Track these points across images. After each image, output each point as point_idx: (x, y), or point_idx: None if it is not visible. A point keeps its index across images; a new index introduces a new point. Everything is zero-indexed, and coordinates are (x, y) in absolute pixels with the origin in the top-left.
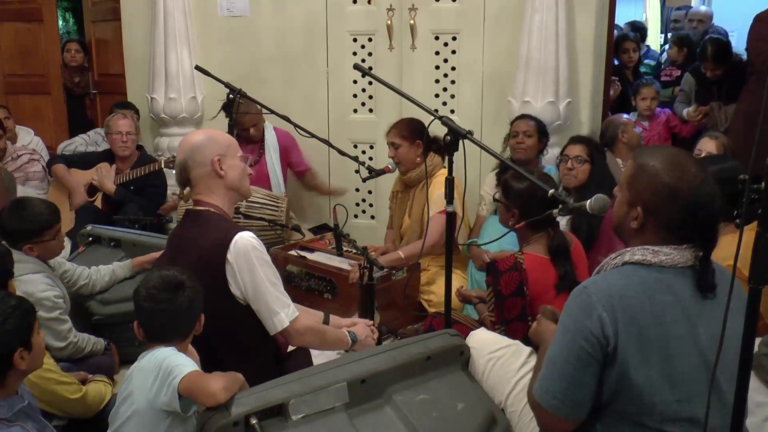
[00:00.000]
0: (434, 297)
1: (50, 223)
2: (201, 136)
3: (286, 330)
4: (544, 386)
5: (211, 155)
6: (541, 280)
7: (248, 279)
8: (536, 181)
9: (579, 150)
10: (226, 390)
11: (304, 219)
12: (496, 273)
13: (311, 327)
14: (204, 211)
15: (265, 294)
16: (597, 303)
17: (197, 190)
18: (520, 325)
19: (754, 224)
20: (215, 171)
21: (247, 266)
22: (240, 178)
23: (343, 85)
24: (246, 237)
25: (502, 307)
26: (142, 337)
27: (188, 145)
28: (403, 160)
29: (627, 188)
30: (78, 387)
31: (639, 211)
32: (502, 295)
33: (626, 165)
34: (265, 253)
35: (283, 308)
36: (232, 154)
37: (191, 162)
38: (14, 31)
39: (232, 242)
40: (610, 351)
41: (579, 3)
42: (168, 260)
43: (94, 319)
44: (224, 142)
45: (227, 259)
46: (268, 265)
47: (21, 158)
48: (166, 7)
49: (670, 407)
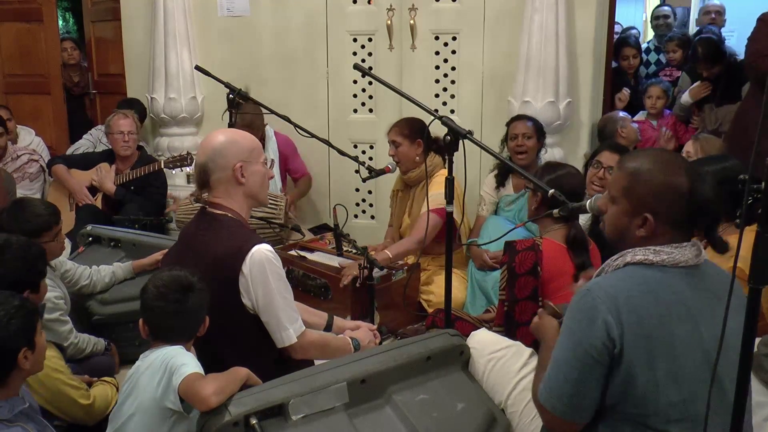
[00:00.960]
0: (433, 297)
1: (49, 225)
2: (224, 138)
3: (292, 346)
4: (549, 389)
5: (234, 161)
6: (556, 264)
7: (261, 292)
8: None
9: (610, 159)
10: (217, 394)
11: (304, 219)
12: (513, 251)
13: (315, 342)
14: (221, 215)
15: (276, 309)
16: (601, 305)
17: (215, 194)
18: (530, 304)
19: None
20: (236, 178)
21: (261, 280)
22: (260, 185)
23: (343, 85)
24: (263, 250)
25: (514, 284)
26: (146, 335)
27: (210, 148)
28: (404, 159)
29: (624, 198)
30: (88, 393)
31: (648, 218)
32: (515, 272)
33: (613, 175)
34: (280, 267)
35: (291, 324)
36: (256, 158)
37: (212, 165)
38: (14, 31)
39: (249, 254)
40: (616, 353)
41: (579, 3)
42: (177, 257)
43: (94, 319)
44: (248, 146)
45: (242, 270)
46: (281, 280)
47: (20, 159)
48: (166, 7)
49: (675, 407)
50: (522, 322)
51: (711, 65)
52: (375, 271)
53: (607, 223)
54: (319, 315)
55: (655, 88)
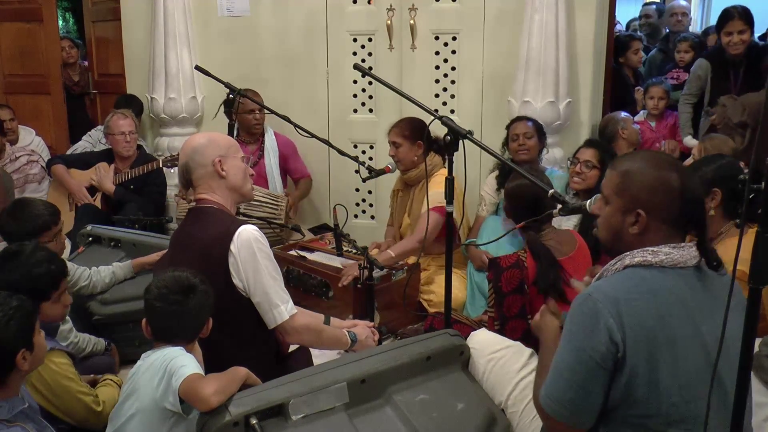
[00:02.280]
0: (434, 297)
1: (49, 225)
2: (201, 138)
3: (283, 325)
4: (551, 395)
5: (212, 156)
6: None
7: (251, 270)
8: (536, 181)
9: (590, 155)
10: (218, 394)
11: (304, 219)
12: (498, 269)
13: (309, 325)
14: (207, 207)
15: (265, 286)
16: (603, 309)
17: (200, 190)
18: (520, 322)
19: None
20: (217, 171)
21: (249, 258)
22: (242, 179)
23: (343, 85)
24: (249, 229)
25: (502, 303)
26: (149, 335)
27: (189, 148)
28: (403, 159)
29: (617, 197)
30: (98, 399)
31: (640, 213)
32: (502, 291)
33: (606, 177)
34: (267, 247)
35: (283, 303)
36: (233, 154)
37: (193, 163)
38: (14, 31)
39: (236, 234)
40: (619, 357)
41: (579, 3)
42: (170, 258)
43: (94, 319)
44: (224, 143)
45: (230, 250)
46: (269, 259)
47: (19, 160)
48: (166, 7)
49: (676, 408)
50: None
51: (746, 26)
52: (375, 271)
53: (600, 226)
54: (315, 316)
55: (657, 89)
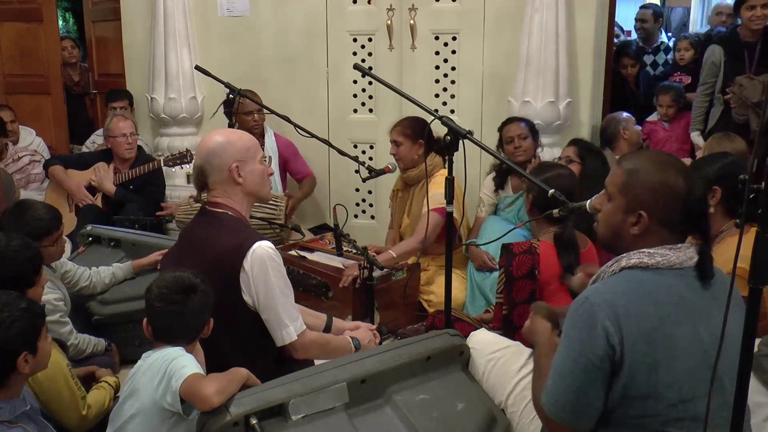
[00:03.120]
0: (434, 297)
1: (49, 230)
2: (219, 139)
3: (292, 344)
4: (552, 398)
5: (229, 161)
6: (553, 267)
7: (262, 289)
8: (536, 181)
9: (569, 151)
10: (219, 394)
11: (304, 219)
12: (510, 254)
13: (315, 341)
14: (222, 213)
15: (276, 306)
16: (600, 312)
17: (215, 194)
18: (528, 308)
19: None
20: (233, 178)
21: (262, 276)
22: (259, 183)
23: (343, 85)
24: (264, 247)
25: (512, 288)
26: (150, 335)
27: (205, 150)
28: (404, 158)
29: (621, 195)
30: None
31: (642, 214)
32: (512, 276)
33: (611, 173)
34: (281, 264)
35: (292, 322)
36: (252, 157)
37: (208, 167)
38: (14, 31)
39: (251, 250)
40: (617, 360)
41: (579, 3)
42: (177, 257)
43: (94, 320)
44: (242, 146)
45: (243, 266)
46: (282, 277)
47: (22, 160)
48: (166, 7)
49: (676, 408)
50: (521, 325)
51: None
52: (375, 272)
53: (600, 221)
54: (318, 316)
55: (665, 97)
